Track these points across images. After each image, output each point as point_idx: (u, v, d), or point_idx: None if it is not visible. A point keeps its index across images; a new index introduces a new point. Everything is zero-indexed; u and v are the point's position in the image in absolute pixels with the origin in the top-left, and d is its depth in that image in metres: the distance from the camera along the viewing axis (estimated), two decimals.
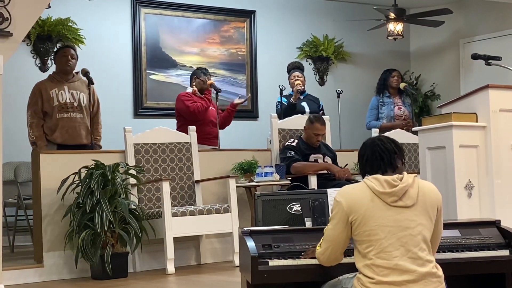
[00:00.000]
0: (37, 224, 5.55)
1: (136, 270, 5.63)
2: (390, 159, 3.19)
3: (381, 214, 3.08)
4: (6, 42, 4.55)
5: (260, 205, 4.04)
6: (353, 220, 3.12)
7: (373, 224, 3.08)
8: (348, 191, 3.20)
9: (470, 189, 4.47)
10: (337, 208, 3.17)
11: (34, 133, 6.05)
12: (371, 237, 3.08)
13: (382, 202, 3.10)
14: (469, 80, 9.21)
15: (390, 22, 9.06)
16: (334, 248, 3.21)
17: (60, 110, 6.07)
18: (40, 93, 6.09)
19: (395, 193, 3.10)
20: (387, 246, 3.05)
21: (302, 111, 7.02)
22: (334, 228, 3.18)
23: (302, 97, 7.23)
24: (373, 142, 3.24)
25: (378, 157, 3.19)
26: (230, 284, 4.68)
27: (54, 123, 6.08)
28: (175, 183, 5.95)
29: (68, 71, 6.21)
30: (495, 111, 4.52)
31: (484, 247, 3.71)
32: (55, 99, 6.07)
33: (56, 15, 7.75)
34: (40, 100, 6.08)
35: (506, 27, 8.88)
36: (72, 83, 6.20)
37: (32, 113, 6.08)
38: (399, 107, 7.67)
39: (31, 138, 6.08)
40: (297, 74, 7.23)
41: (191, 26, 8.67)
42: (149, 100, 8.32)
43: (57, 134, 6.07)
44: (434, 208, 3.18)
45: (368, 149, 3.22)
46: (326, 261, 3.28)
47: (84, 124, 6.18)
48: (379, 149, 3.20)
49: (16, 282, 5.10)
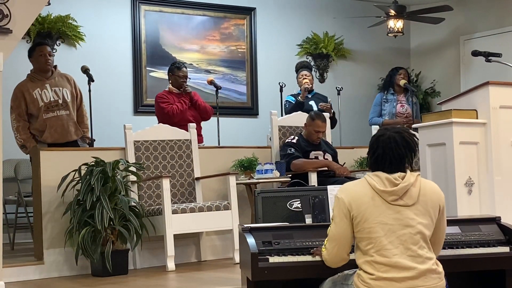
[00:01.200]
0: (37, 221, 5.55)
1: (136, 267, 5.63)
2: (399, 165, 3.15)
3: (381, 212, 3.08)
4: (6, 39, 4.55)
5: (260, 202, 4.04)
6: (354, 216, 3.12)
7: (373, 222, 3.07)
8: (349, 188, 3.20)
9: (470, 185, 4.47)
10: (339, 205, 3.16)
11: (22, 136, 5.93)
12: (371, 234, 3.08)
13: (383, 200, 3.09)
14: (469, 77, 9.21)
15: (390, 19, 9.06)
16: (341, 246, 3.19)
17: (46, 110, 5.95)
18: (22, 95, 5.95)
19: (396, 192, 3.09)
20: (386, 244, 3.05)
21: (310, 109, 7.00)
22: (337, 225, 3.17)
23: (310, 96, 7.23)
24: (388, 142, 3.14)
25: (387, 160, 3.14)
26: (231, 281, 4.68)
27: (41, 124, 5.97)
28: (175, 180, 5.95)
29: (48, 70, 6.07)
30: (495, 107, 4.52)
31: (484, 243, 3.72)
32: (39, 99, 5.95)
33: (56, 12, 7.75)
34: (24, 103, 5.94)
35: (506, 24, 8.87)
36: (52, 80, 6.08)
37: (16, 117, 5.94)
38: (402, 105, 7.67)
39: (19, 141, 5.96)
40: (305, 73, 7.24)
41: (191, 23, 8.66)
42: (149, 98, 8.31)
43: (46, 135, 5.96)
44: (435, 207, 3.17)
45: (379, 149, 3.15)
46: (333, 261, 3.27)
47: (71, 120, 6.08)
48: (390, 153, 3.13)
49: (16, 279, 5.11)
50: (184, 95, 6.68)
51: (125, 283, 4.95)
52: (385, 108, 7.67)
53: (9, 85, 6.39)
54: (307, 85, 7.10)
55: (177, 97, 6.67)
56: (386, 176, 3.11)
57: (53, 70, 6.13)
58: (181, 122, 6.43)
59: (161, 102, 6.61)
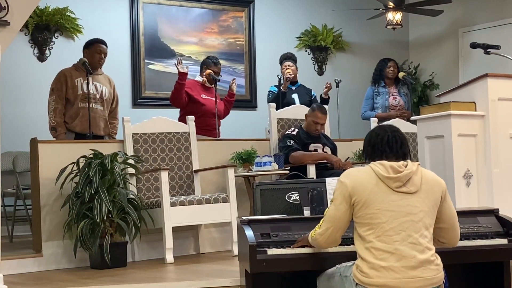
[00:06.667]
0: (35, 214, 5.55)
1: (135, 260, 5.63)
2: (398, 151, 3.24)
3: (385, 198, 3.11)
4: (4, 32, 4.53)
5: (259, 194, 4.05)
6: (356, 202, 3.14)
7: (376, 208, 3.10)
8: (353, 173, 3.23)
9: (468, 178, 4.48)
10: (341, 189, 3.19)
11: (56, 118, 6.07)
12: (372, 220, 3.10)
13: (387, 187, 3.13)
14: (468, 69, 9.20)
15: (389, 12, 9.05)
16: (335, 228, 3.22)
17: (82, 100, 6.10)
18: (65, 79, 6.10)
19: (400, 178, 3.13)
20: (388, 230, 3.07)
21: (292, 103, 7.00)
22: (336, 208, 3.19)
23: (294, 88, 7.22)
24: (385, 129, 3.29)
25: (387, 144, 3.23)
26: (229, 273, 4.68)
27: (75, 111, 6.11)
28: (174, 172, 5.94)
29: (98, 67, 6.28)
30: (494, 100, 4.53)
31: (483, 235, 3.73)
32: (79, 87, 6.10)
33: (54, 5, 7.73)
34: (65, 86, 6.09)
35: (505, 16, 8.86)
36: (96, 76, 6.25)
37: (56, 98, 6.08)
38: (394, 97, 7.67)
39: (52, 123, 6.08)
40: (288, 64, 7.25)
41: (189, 15, 8.64)
42: (148, 90, 8.30)
43: (76, 122, 6.10)
44: (437, 195, 3.21)
45: (378, 137, 3.27)
46: (325, 243, 3.28)
47: (103, 116, 6.26)
48: (388, 137, 3.25)
49: (15, 272, 5.10)
50: (213, 89, 6.74)
51: (124, 275, 4.95)
52: (378, 101, 7.66)
53: (8, 78, 6.41)
54: (289, 75, 7.09)
55: (203, 89, 6.77)
56: (390, 164, 3.17)
57: (100, 69, 6.33)
58: (206, 111, 6.61)
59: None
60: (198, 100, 6.69)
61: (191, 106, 6.65)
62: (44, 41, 7.70)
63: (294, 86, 7.24)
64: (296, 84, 7.27)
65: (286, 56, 7.47)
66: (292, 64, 7.26)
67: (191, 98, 6.68)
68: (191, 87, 6.74)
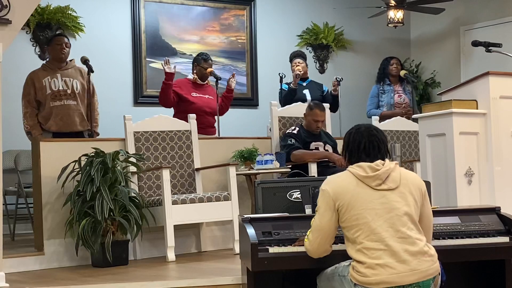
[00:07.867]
0: (37, 212, 5.55)
1: (137, 258, 5.64)
2: (377, 152, 3.29)
3: (367, 197, 3.16)
4: (5, 30, 4.53)
5: (260, 192, 4.06)
6: (340, 206, 3.18)
7: (360, 208, 3.15)
8: (332, 179, 3.29)
9: (470, 176, 4.48)
10: (323, 196, 3.24)
11: (29, 122, 6.14)
12: (359, 220, 3.14)
13: (367, 187, 3.18)
14: (469, 67, 9.19)
15: (391, 10, 9.04)
16: (323, 237, 3.25)
17: (53, 98, 6.14)
18: (32, 82, 6.16)
19: (379, 176, 3.18)
20: (375, 228, 3.11)
21: (304, 98, 7.01)
22: (321, 216, 3.23)
23: (305, 84, 7.24)
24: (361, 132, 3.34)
25: (365, 146, 3.29)
26: (231, 271, 4.68)
27: (48, 112, 6.15)
28: (175, 171, 5.95)
29: (62, 59, 6.28)
30: (495, 98, 4.52)
31: (484, 233, 3.73)
32: (48, 87, 6.14)
33: (56, 3, 7.73)
34: (33, 90, 6.15)
35: (506, 14, 8.85)
36: (65, 70, 6.26)
37: (25, 103, 6.17)
38: (399, 95, 7.66)
39: (26, 128, 6.17)
40: (298, 61, 7.25)
41: (190, 13, 8.64)
42: (149, 88, 8.30)
43: (51, 123, 6.14)
44: (417, 191, 3.26)
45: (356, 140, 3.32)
46: (316, 252, 3.32)
47: (78, 111, 6.23)
48: (366, 140, 3.30)
49: (16, 270, 5.11)
50: (206, 85, 6.72)
51: (125, 273, 4.95)
52: (383, 99, 7.65)
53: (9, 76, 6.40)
54: (299, 72, 7.10)
55: (194, 87, 6.73)
56: (368, 164, 3.23)
57: (68, 62, 6.32)
58: (197, 109, 6.53)
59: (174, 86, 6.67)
60: (188, 99, 6.65)
61: (181, 105, 6.62)
62: (45, 39, 7.70)
63: (305, 82, 7.27)
64: (306, 80, 7.31)
65: (296, 53, 7.49)
66: (302, 61, 7.28)
67: (181, 97, 6.64)
68: (181, 86, 6.70)
